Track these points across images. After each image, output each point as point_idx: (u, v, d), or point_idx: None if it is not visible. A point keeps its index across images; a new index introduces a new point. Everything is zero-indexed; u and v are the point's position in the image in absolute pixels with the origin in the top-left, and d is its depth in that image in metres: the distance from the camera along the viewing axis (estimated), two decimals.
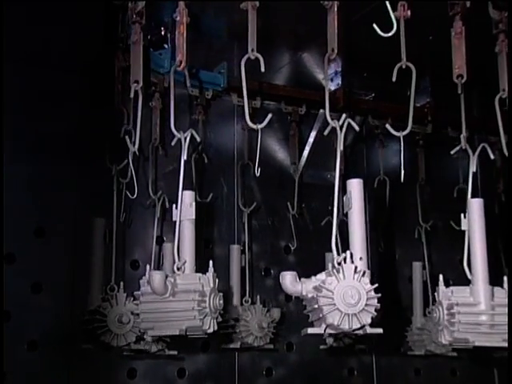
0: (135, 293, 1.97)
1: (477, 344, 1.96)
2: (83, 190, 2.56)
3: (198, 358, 2.69)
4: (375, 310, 1.72)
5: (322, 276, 1.78)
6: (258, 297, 2.68)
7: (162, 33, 2.73)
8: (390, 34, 1.86)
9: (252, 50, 2.00)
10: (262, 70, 1.99)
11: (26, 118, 2.52)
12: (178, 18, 2.12)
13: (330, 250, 2.69)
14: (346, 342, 2.69)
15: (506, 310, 1.96)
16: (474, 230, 2.01)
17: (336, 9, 2.04)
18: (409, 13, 2.09)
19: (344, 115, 2.00)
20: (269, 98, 3.02)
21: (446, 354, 2.75)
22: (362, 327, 1.71)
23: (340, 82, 2.94)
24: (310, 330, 1.77)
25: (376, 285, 1.73)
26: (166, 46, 2.72)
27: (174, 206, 2.02)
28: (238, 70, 2.03)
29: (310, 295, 1.77)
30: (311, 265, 2.74)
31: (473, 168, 2.12)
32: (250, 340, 2.60)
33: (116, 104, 2.59)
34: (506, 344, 1.95)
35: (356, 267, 1.73)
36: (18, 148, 2.47)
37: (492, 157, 2.15)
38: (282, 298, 2.88)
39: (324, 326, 1.73)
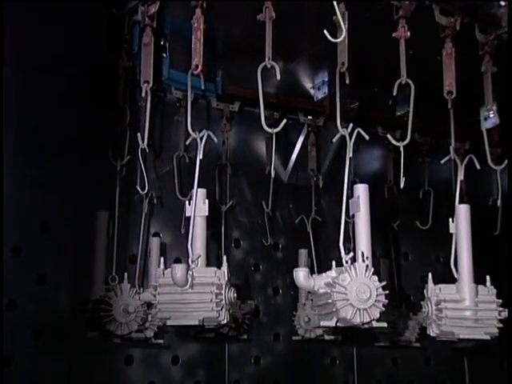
0: (152, 284, 1.99)
1: (461, 337, 2.05)
2: (86, 186, 2.56)
3: (190, 346, 2.71)
4: (383, 306, 1.78)
5: (332, 273, 1.84)
6: None
7: (162, 42, 2.71)
8: (339, 40, 1.88)
9: (268, 59, 2.02)
10: (278, 77, 2.03)
11: (34, 119, 2.51)
12: (195, 25, 2.12)
13: (304, 247, 2.84)
14: (317, 333, 2.75)
15: (489, 306, 2.06)
16: (461, 233, 2.10)
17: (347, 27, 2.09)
18: (408, 34, 2.19)
19: (351, 125, 2.06)
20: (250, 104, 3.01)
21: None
22: (371, 321, 1.79)
23: (327, 91, 2.99)
24: (323, 323, 1.83)
25: (384, 282, 1.79)
26: (164, 55, 2.73)
27: (187, 202, 2.05)
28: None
29: (321, 290, 1.83)
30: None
31: (461, 176, 2.21)
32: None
33: (119, 103, 2.58)
34: (488, 337, 2.05)
35: (367, 266, 1.80)
36: (23, 149, 2.47)
37: (478, 167, 2.25)
38: (271, 292, 2.93)
39: (335, 319, 1.79)
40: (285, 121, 2.07)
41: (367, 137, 2.06)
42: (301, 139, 3.09)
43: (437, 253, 3.21)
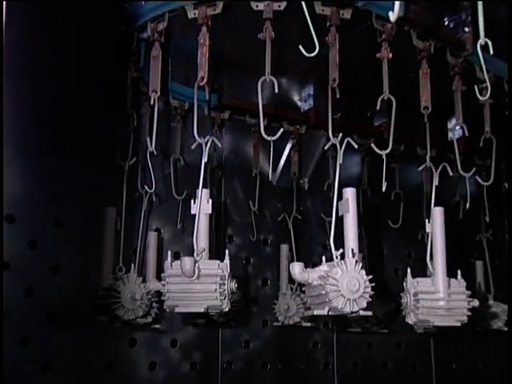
0: (162, 275, 2.00)
1: (436, 324, 2.08)
2: (95, 185, 2.53)
3: (187, 331, 2.71)
4: (369, 296, 1.82)
5: (324, 267, 1.86)
6: None
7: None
8: (313, 55, 1.86)
9: (268, 74, 2.05)
10: (276, 91, 2.05)
11: (50, 124, 2.48)
12: (201, 41, 2.14)
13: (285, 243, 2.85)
14: (295, 320, 2.76)
15: (460, 296, 2.09)
16: (436, 232, 2.12)
17: (338, 46, 2.12)
18: (390, 55, 2.22)
19: (341, 134, 2.08)
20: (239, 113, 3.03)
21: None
22: (358, 310, 1.82)
23: (312, 103, 2.99)
24: (316, 312, 1.85)
25: (371, 276, 1.82)
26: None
27: (193, 201, 2.05)
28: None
29: (315, 283, 1.86)
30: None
31: (435, 182, 2.23)
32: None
33: (127, 109, 2.57)
34: (459, 324, 2.08)
35: (356, 261, 1.83)
36: (40, 152, 2.44)
37: (451, 174, 2.28)
38: (260, 283, 2.94)
39: (327, 308, 1.82)
40: (282, 130, 2.08)
41: (356, 145, 2.07)
42: (289, 146, 3.09)
43: (409, 249, 3.24)
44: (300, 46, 1.87)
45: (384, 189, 2.15)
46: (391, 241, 3.20)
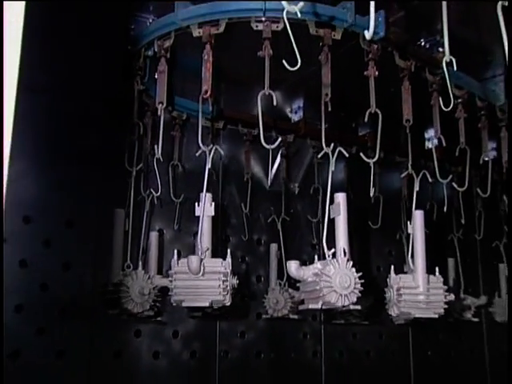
0: (169, 272, 2.01)
1: (416, 316, 2.11)
2: (105, 188, 2.55)
3: (188, 323, 2.72)
4: (359, 292, 1.84)
5: (318, 265, 1.88)
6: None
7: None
8: (295, 69, 1.81)
9: (267, 88, 2.03)
10: (275, 103, 2.06)
11: (64, 133, 2.51)
12: (205, 57, 2.11)
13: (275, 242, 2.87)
14: (283, 313, 2.78)
15: (438, 291, 2.13)
16: (416, 233, 2.16)
17: (329, 64, 2.14)
18: (376, 73, 2.24)
19: (333, 144, 2.10)
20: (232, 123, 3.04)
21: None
22: (349, 305, 1.84)
23: (302, 115, 3.01)
24: (311, 305, 1.86)
25: (361, 273, 1.85)
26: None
27: (197, 204, 2.06)
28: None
29: (310, 279, 1.88)
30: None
31: (416, 187, 2.26)
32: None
33: (134, 119, 2.56)
34: (436, 316, 2.11)
35: (348, 259, 1.85)
36: (54, 158, 2.46)
37: (430, 180, 2.32)
38: (254, 279, 2.96)
39: (321, 302, 1.83)
40: (280, 139, 2.10)
41: (347, 154, 2.07)
42: (279, 156, 3.12)
43: (389, 247, 3.28)
44: (284, 61, 1.84)
45: (372, 194, 2.18)
46: (373, 240, 3.23)
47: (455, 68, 1.86)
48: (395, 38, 2.35)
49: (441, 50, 2.51)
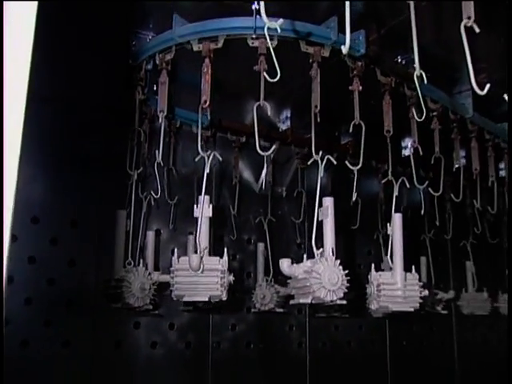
0: (171, 268, 2.00)
1: (394, 309, 2.13)
2: (107, 191, 2.55)
3: (183, 315, 2.72)
4: (346, 288, 1.87)
5: (308, 263, 1.90)
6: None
7: (155, 88, 2.65)
8: (275, 80, 1.78)
9: (262, 100, 2.03)
10: (269, 114, 2.06)
11: (67, 142, 2.52)
12: (205, 70, 2.11)
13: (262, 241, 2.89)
14: (270, 307, 2.80)
15: (413, 287, 2.14)
16: (395, 234, 2.17)
17: (319, 79, 2.15)
18: (360, 87, 2.27)
19: (321, 152, 2.11)
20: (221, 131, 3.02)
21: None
22: (336, 299, 1.86)
23: (289, 124, 3.00)
24: (302, 300, 1.88)
25: (347, 271, 1.87)
26: (156, 97, 2.68)
27: (195, 205, 2.04)
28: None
29: (300, 276, 1.89)
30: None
31: (396, 192, 2.28)
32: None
33: (136, 126, 2.54)
34: (412, 309, 2.14)
35: (336, 258, 1.87)
36: (60, 163, 2.47)
37: (408, 186, 2.35)
38: (244, 276, 2.96)
39: (311, 297, 1.85)
40: (274, 146, 2.11)
41: (335, 162, 2.09)
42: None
43: (368, 247, 3.32)
44: (264, 73, 1.84)
45: (354, 198, 2.19)
46: (354, 240, 3.26)
47: (425, 81, 1.86)
48: (374, 55, 2.39)
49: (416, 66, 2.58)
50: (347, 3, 1.48)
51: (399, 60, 2.66)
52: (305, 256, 1.95)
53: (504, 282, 3.31)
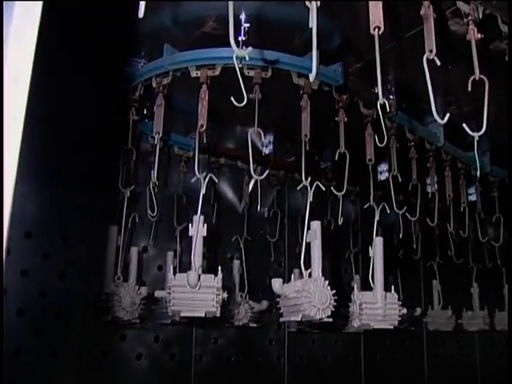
0: (168, 284, 2.06)
1: (375, 327, 2.24)
2: (99, 207, 2.65)
3: (167, 329, 2.81)
4: (333, 306, 1.98)
5: (298, 283, 2.02)
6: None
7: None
8: (242, 105, 1.80)
9: (256, 126, 2.12)
10: (263, 139, 2.18)
11: (61, 161, 2.61)
12: (202, 96, 2.17)
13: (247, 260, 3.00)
14: (244, 322, 2.86)
15: (393, 306, 2.25)
16: (376, 256, 2.28)
17: (309, 109, 2.25)
18: (346, 119, 2.40)
19: (310, 178, 2.23)
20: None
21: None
22: (324, 317, 1.99)
23: (271, 148, 3.06)
24: (292, 318, 2.00)
25: (334, 291, 1.99)
26: (146, 120, 2.77)
27: (190, 225, 2.08)
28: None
29: (291, 295, 2.00)
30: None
31: (377, 217, 2.42)
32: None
33: (129, 145, 2.59)
34: (392, 327, 2.24)
35: (324, 278, 2.01)
36: (52, 182, 2.57)
37: (388, 211, 2.51)
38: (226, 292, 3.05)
39: (301, 315, 1.96)
40: (267, 171, 2.23)
41: (324, 188, 2.20)
42: (252, 181, 3.20)
43: (344, 265, 3.48)
44: (231, 98, 1.84)
45: (340, 222, 2.34)
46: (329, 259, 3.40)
47: (387, 109, 1.91)
48: (352, 85, 2.50)
49: (391, 96, 2.70)
50: (314, 29, 1.50)
51: (376, 91, 2.82)
52: (293, 276, 2.09)
53: (468, 300, 3.52)
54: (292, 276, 2.89)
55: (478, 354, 3.94)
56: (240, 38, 2.17)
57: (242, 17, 2.16)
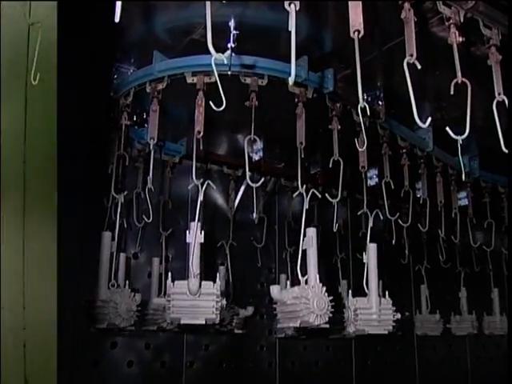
0: (168, 292, 2.08)
1: (370, 332, 2.29)
2: (92, 214, 2.63)
3: (158, 336, 2.85)
4: (330, 313, 2.04)
5: (296, 289, 2.07)
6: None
7: (144, 116, 2.78)
8: (221, 109, 1.76)
9: (253, 134, 2.18)
10: (260, 147, 2.22)
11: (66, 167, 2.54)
12: (199, 102, 2.20)
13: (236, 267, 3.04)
14: (229, 328, 2.89)
15: (387, 311, 2.31)
16: (370, 263, 2.34)
17: (304, 117, 2.30)
18: (339, 127, 2.47)
19: (305, 186, 2.24)
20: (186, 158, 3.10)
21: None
22: (322, 323, 2.05)
23: (261, 155, 3.12)
24: (291, 324, 2.05)
25: (331, 297, 2.05)
26: (146, 125, 2.77)
27: (188, 232, 2.12)
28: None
29: (289, 302, 2.06)
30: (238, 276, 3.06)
31: (370, 223, 2.47)
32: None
33: (120, 150, 2.61)
34: (386, 332, 2.30)
35: (322, 284, 2.06)
36: None
37: (381, 218, 2.58)
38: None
39: (299, 321, 2.01)
40: (263, 179, 2.28)
41: (319, 195, 2.25)
42: (242, 188, 3.25)
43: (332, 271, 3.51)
44: (210, 102, 1.84)
45: (335, 229, 2.40)
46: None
47: (368, 113, 1.84)
48: (341, 92, 2.56)
49: (380, 103, 2.77)
50: (293, 32, 1.53)
51: (365, 97, 2.89)
52: (289, 283, 2.14)
53: (457, 305, 3.60)
54: (280, 282, 2.99)
55: (469, 358, 4.04)
56: (229, 45, 2.15)
57: (231, 23, 2.18)
